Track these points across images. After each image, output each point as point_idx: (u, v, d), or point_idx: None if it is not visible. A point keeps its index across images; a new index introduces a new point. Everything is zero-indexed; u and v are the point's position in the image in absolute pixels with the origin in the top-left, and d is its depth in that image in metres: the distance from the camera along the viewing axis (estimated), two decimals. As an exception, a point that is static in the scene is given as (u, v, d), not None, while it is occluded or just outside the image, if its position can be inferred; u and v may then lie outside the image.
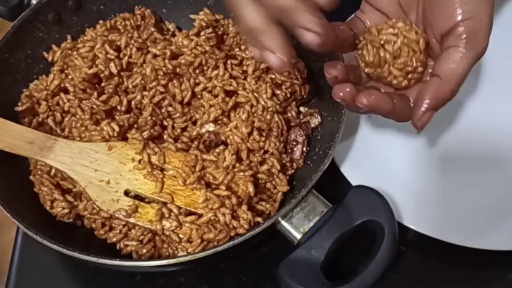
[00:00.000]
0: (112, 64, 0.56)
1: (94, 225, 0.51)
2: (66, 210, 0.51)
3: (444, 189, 0.55)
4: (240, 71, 0.56)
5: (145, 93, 0.55)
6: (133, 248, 0.50)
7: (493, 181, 0.55)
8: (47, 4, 0.58)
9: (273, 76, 0.56)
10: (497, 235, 0.51)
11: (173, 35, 0.62)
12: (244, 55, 0.58)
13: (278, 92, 0.55)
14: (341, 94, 0.41)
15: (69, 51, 0.58)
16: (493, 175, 0.55)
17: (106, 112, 0.54)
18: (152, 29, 0.59)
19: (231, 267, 0.54)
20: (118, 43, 0.57)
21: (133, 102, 0.56)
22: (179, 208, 0.49)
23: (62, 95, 0.55)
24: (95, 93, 0.54)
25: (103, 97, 0.54)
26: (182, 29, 0.64)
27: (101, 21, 0.60)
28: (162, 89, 0.55)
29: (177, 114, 0.55)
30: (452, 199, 0.54)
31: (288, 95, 0.56)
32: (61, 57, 0.57)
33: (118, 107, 0.55)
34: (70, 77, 0.55)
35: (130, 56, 0.57)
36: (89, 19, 0.61)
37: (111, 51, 0.56)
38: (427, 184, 0.55)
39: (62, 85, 0.55)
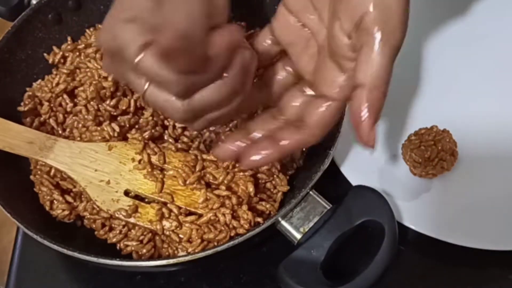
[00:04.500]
0: None
1: (94, 226, 0.51)
2: (66, 212, 0.51)
3: (444, 189, 0.55)
4: None
5: None
6: (133, 248, 0.50)
7: (493, 181, 0.55)
8: (47, 4, 0.58)
9: None
10: (497, 235, 0.51)
11: None
12: None
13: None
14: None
15: (78, 52, 0.58)
16: (493, 175, 0.55)
17: (111, 115, 0.54)
18: None
19: (231, 267, 0.54)
20: None
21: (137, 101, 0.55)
22: (179, 208, 0.49)
23: (65, 96, 0.55)
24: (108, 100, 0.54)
25: (113, 101, 0.54)
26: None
27: (98, 25, 0.60)
28: None
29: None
30: (452, 199, 0.54)
31: (288, 95, 0.56)
32: (72, 59, 0.57)
33: (127, 110, 0.54)
34: (81, 88, 0.54)
35: None
36: (89, 19, 0.61)
37: None
38: (427, 184, 0.55)
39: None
